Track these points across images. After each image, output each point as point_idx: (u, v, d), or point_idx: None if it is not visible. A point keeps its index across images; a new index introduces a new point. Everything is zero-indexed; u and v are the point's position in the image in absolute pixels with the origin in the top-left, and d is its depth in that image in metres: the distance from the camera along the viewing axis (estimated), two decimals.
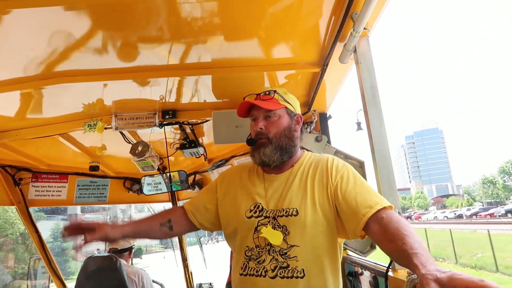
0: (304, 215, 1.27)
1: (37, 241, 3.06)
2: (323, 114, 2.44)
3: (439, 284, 0.77)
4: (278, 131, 1.38)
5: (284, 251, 1.27)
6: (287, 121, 1.41)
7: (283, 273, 1.25)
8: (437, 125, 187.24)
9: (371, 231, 1.16)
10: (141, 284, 3.00)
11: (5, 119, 2.18)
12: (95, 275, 2.65)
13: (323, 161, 1.38)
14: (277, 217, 1.30)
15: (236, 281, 1.36)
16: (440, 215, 51.58)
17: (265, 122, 1.39)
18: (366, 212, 1.17)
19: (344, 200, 1.24)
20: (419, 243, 0.96)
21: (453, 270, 0.78)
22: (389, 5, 1.36)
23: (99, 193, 3.52)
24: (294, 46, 1.72)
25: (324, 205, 1.28)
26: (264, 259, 1.28)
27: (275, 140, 1.37)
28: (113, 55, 1.63)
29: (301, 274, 1.24)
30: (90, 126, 2.17)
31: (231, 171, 1.57)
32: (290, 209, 1.29)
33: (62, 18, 1.31)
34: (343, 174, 1.31)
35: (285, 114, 1.41)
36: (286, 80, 2.03)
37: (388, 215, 1.14)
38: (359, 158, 2.03)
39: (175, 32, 1.50)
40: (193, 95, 2.19)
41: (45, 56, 1.58)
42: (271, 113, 1.39)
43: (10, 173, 2.93)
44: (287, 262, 1.26)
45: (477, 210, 46.40)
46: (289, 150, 1.38)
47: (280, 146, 1.36)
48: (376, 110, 1.51)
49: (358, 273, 1.91)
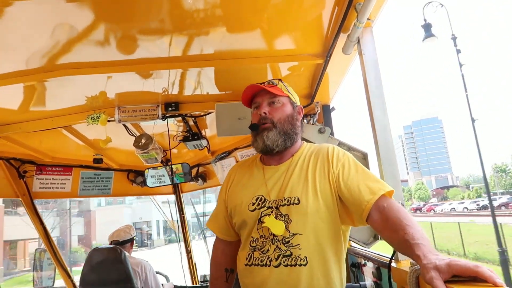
0: (306, 203, 1.28)
1: (42, 233, 3.09)
2: (326, 106, 2.43)
3: (438, 271, 0.79)
4: (282, 116, 1.41)
5: (287, 239, 1.28)
6: (290, 109, 1.44)
7: (286, 261, 1.26)
8: (436, 115, 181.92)
9: (372, 219, 1.18)
10: (144, 275, 3.03)
11: (9, 112, 2.19)
12: (100, 267, 2.67)
13: (323, 150, 1.39)
14: (280, 207, 1.31)
15: (241, 271, 1.38)
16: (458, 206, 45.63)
17: (269, 108, 1.42)
18: (370, 199, 1.18)
19: (347, 188, 1.26)
20: (420, 233, 0.98)
21: (452, 257, 0.82)
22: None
23: (103, 185, 3.54)
24: (297, 38, 1.70)
25: (326, 194, 1.29)
26: (268, 248, 1.30)
27: (279, 125, 1.39)
28: (116, 47, 1.63)
29: (304, 262, 1.25)
30: (93, 119, 2.18)
31: (233, 170, 1.60)
32: (292, 198, 1.30)
33: (64, 10, 1.31)
34: (344, 162, 1.32)
35: (288, 103, 1.45)
36: (289, 72, 2.02)
37: (389, 204, 1.15)
38: (363, 150, 2.03)
39: (177, 24, 1.50)
40: (195, 87, 2.19)
41: (47, 49, 1.57)
42: (276, 99, 1.42)
43: (15, 166, 2.95)
44: (290, 250, 1.27)
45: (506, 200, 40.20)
46: (292, 136, 1.41)
47: (284, 131, 1.39)
48: (380, 101, 1.50)
49: (361, 264, 1.91)
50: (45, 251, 3.22)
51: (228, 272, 1.55)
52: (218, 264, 1.59)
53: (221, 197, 1.57)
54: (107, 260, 2.69)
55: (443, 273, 0.78)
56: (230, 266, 1.56)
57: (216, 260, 1.60)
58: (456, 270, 0.78)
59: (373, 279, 1.68)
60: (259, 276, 1.29)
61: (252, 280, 1.32)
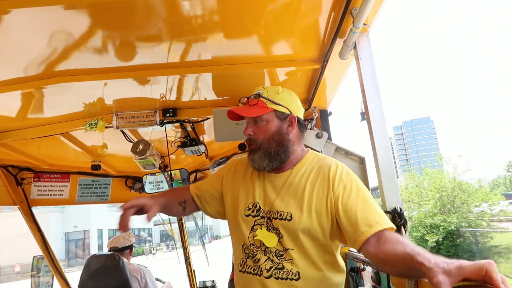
0: (298, 221, 1.25)
1: (40, 240, 3.07)
2: (323, 111, 2.43)
3: (447, 275, 0.75)
4: (265, 137, 1.33)
5: (280, 252, 1.27)
6: (276, 125, 1.34)
7: (278, 274, 1.25)
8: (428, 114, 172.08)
9: (367, 251, 1.12)
10: (143, 281, 3.02)
11: (6, 119, 2.19)
12: (98, 274, 2.66)
13: (325, 167, 1.32)
14: (272, 219, 1.29)
15: (237, 276, 1.38)
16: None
17: (254, 127, 1.35)
18: (365, 231, 1.13)
19: (344, 212, 1.20)
20: (422, 249, 0.91)
21: (461, 260, 0.76)
22: (389, 0, 1.36)
23: (101, 192, 3.53)
24: (294, 43, 1.71)
25: (321, 214, 1.25)
26: (259, 258, 1.29)
27: (263, 146, 1.33)
28: (113, 54, 1.63)
29: (296, 277, 1.24)
30: (91, 125, 2.18)
31: (240, 163, 1.54)
32: (285, 213, 1.27)
33: (62, 17, 1.31)
34: (346, 184, 1.25)
35: (274, 118, 1.35)
36: (286, 77, 2.03)
37: (387, 238, 1.09)
38: (360, 154, 2.03)
39: (175, 30, 1.50)
40: (193, 93, 2.19)
41: (45, 56, 1.58)
42: (258, 118, 1.34)
43: (12, 173, 2.94)
44: (283, 263, 1.26)
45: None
46: (279, 156, 1.33)
47: (268, 153, 1.32)
48: (377, 105, 1.50)
49: (360, 269, 1.91)
50: (43, 258, 3.20)
51: (185, 204, 1.54)
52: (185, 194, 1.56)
53: (219, 178, 1.53)
54: (105, 267, 2.68)
55: (453, 277, 0.74)
56: (186, 205, 1.54)
57: (185, 191, 1.57)
58: (467, 273, 0.73)
59: (372, 283, 1.68)
60: (250, 285, 1.30)
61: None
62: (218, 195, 1.51)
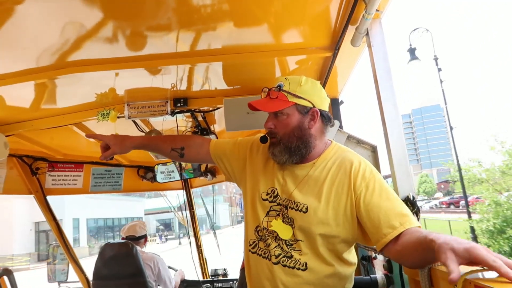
0: (314, 214, 1.25)
1: (55, 229, 3.14)
2: (335, 100, 2.41)
3: (454, 253, 0.75)
4: (286, 131, 1.31)
5: (290, 242, 1.27)
6: (297, 120, 1.31)
7: (285, 261, 1.26)
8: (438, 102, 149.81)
9: (389, 251, 1.13)
10: (157, 269, 3.07)
11: (21, 110, 2.22)
12: (112, 262, 2.72)
13: (347, 163, 1.29)
14: (288, 208, 1.29)
15: (247, 256, 1.40)
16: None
17: (275, 120, 1.33)
18: (388, 232, 1.11)
19: (366, 212, 1.19)
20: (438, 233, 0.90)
21: (473, 243, 0.76)
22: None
23: (113, 181, 3.58)
24: (304, 31, 1.69)
25: (338, 210, 1.24)
26: (269, 243, 1.30)
27: (283, 141, 1.31)
28: (124, 44, 1.64)
29: (303, 267, 1.25)
30: (103, 115, 2.20)
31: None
32: (301, 205, 1.27)
33: (73, 7, 1.31)
34: (369, 183, 1.23)
35: (295, 112, 1.31)
36: (297, 65, 2.01)
37: (406, 232, 1.08)
38: (372, 143, 2.01)
39: (185, 20, 1.50)
40: (204, 83, 2.19)
41: (57, 47, 1.59)
42: (278, 112, 1.31)
43: (27, 163, 2.99)
44: (291, 252, 1.27)
45: None
46: (299, 151, 1.31)
47: (288, 148, 1.30)
48: (390, 93, 1.48)
49: (372, 257, 1.91)
50: (58, 246, 3.27)
51: (182, 151, 1.60)
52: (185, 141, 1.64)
53: (242, 148, 1.54)
54: (118, 254, 2.73)
55: (460, 257, 0.74)
56: (184, 152, 1.60)
57: (188, 139, 1.67)
58: (474, 258, 0.73)
59: (383, 272, 1.68)
60: (260, 267, 1.32)
61: (255, 269, 1.35)
62: (235, 163, 1.52)
